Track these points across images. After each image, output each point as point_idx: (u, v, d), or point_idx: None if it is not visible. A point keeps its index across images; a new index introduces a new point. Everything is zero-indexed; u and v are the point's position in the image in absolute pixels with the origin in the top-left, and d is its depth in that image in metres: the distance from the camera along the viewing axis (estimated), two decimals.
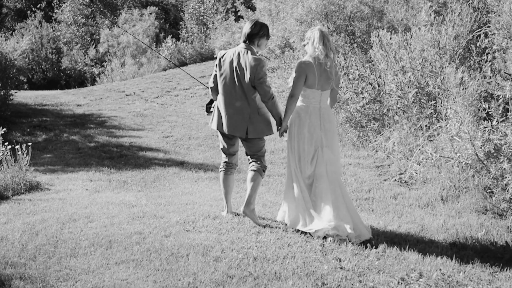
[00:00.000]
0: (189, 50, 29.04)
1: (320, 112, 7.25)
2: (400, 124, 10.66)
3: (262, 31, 7.38)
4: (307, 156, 7.23)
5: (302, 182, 7.24)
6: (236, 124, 7.36)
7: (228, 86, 7.35)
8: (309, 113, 7.22)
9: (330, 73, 7.17)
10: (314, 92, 7.16)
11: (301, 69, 7.10)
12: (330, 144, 7.28)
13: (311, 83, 7.10)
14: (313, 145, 7.22)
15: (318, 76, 7.08)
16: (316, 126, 7.21)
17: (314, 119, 7.22)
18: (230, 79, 7.32)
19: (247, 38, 7.35)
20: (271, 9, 17.40)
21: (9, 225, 7.58)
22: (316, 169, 7.21)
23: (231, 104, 7.35)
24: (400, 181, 9.70)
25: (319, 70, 7.09)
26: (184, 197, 8.96)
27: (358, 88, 11.61)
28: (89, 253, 6.53)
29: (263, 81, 7.21)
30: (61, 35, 33.62)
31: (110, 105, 18.94)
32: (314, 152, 7.23)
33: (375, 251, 6.67)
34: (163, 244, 6.71)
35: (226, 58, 7.38)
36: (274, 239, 6.93)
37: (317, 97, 7.20)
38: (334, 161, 7.27)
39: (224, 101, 7.39)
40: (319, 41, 7.02)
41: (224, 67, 7.36)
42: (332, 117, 7.42)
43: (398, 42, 10.89)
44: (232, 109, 7.35)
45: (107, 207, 8.35)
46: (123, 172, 11.11)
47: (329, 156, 7.23)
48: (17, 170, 9.84)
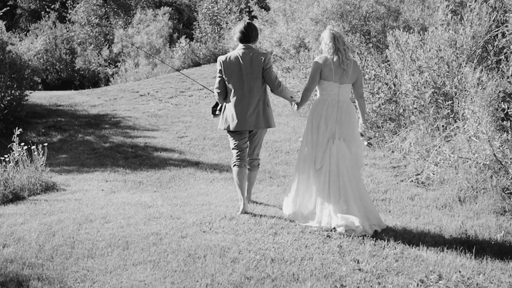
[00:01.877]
0: (203, 50, 28.99)
1: (338, 105, 7.42)
2: (417, 124, 10.59)
3: (255, 31, 7.92)
4: (320, 147, 7.43)
5: (312, 173, 7.47)
6: (254, 119, 7.78)
7: (239, 86, 7.75)
8: (326, 105, 7.44)
9: (348, 68, 7.37)
10: (331, 84, 7.38)
11: (317, 65, 7.42)
12: (346, 137, 7.44)
13: (327, 75, 7.35)
14: (326, 136, 7.41)
15: (335, 69, 7.33)
16: (332, 118, 7.40)
17: (330, 112, 7.41)
18: (240, 78, 7.73)
19: (246, 38, 7.83)
20: (285, 9, 17.35)
21: (26, 225, 7.58)
22: (325, 161, 7.37)
23: (245, 102, 7.76)
24: (417, 181, 9.63)
25: (335, 65, 7.34)
26: (200, 198, 8.94)
27: (374, 88, 11.54)
28: (106, 254, 6.51)
29: (271, 70, 7.78)
30: (75, 35, 33.65)
31: (125, 105, 18.94)
32: (326, 144, 7.41)
33: (393, 252, 6.62)
34: (180, 245, 6.69)
35: (230, 61, 7.76)
36: (291, 240, 6.89)
37: (335, 89, 7.40)
38: (347, 154, 7.39)
39: (237, 100, 7.77)
40: (329, 40, 7.36)
41: (231, 69, 7.74)
42: (353, 111, 7.53)
43: (415, 42, 10.82)
44: (247, 105, 7.76)
45: (123, 208, 8.34)
46: (138, 172, 11.10)
47: (342, 149, 7.38)
48: (33, 170, 9.85)
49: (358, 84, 7.57)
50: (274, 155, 12.07)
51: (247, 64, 7.71)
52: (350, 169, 7.37)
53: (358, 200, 7.29)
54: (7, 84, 15.84)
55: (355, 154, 7.50)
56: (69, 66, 32.57)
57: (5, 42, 16.42)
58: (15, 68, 16.43)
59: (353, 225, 7.08)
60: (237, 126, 7.78)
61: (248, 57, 7.73)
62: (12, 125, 14.70)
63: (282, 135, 13.59)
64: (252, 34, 7.84)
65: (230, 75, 7.75)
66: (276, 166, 11.16)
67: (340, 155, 7.33)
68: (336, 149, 7.35)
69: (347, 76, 7.38)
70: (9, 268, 6.16)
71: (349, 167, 7.36)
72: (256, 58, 7.73)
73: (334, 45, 7.31)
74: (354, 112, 7.58)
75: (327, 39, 7.38)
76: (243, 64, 7.71)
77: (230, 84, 7.77)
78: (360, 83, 7.59)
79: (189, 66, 27.97)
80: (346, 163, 7.33)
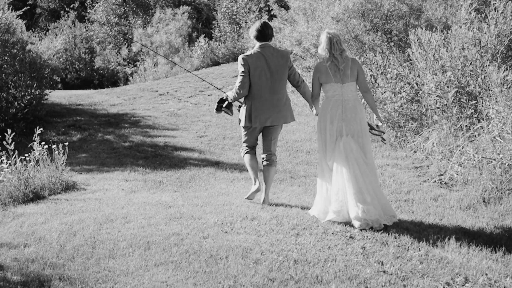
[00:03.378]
0: (222, 49, 28.93)
1: (343, 103, 7.63)
2: (440, 124, 10.46)
3: (271, 30, 8.20)
4: (329, 146, 7.67)
5: (326, 171, 7.71)
6: (278, 114, 8.14)
7: (265, 83, 8.03)
8: (331, 105, 7.67)
9: (345, 68, 7.61)
10: (333, 85, 7.63)
11: (314, 72, 7.80)
12: (353, 133, 7.62)
13: (325, 79, 7.64)
14: (334, 135, 7.64)
15: (332, 73, 7.60)
16: (337, 116, 7.61)
17: (334, 111, 7.63)
18: (266, 76, 8.02)
19: (263, 37, 8.10)
20: (305, 7, 17.24)
21: (47, 225, 7.56)
22: (336, 158, 7.58)
23: (272, 98, 8.08)
24: (440, 182, 9.50)
25: (332, 68, 7.61)
26: (221, 198, 8.87)
27: (396, 88, 11.43)
28: (127, 254, 6.47)
29: (294, 67, 8.22)
30: (94, 34, 33.73)
31: (144, 104, 18.93)
32: (335, 142, 7.63)
33: (418, 254, 6.52)
34: (202, 246, 6.63)
35: (255, 60, 8.02)
36: (314, 241, 6.82)
37: (338, 90, 7.63)
38: (355, 149, 7.56)
39: (265, 97, 8.06)
40: (325, 45, 7.61)
41: (258, 67, 7.99)
42: (359, 107, 7.72)
43: (438, 41, 10.70)
44: (276, 101, 8.10)
45: (143, 208, 8.29)
46: (158, 172, 11.06)
47: (349, 145, 7.56)
48: (53, 170, 9.83)
49: (360, 80, 7.75)
50: (294, 154, 12.00)
51: (272, 61, 8.01)
52: (361, 163, 7.52)
53: (372, 193, 7.46)
54: (27, 83, 15.85)
55: (363, 149, 7.66)
56: (88, 65, 32.65)
57: (25, 41, 16.45)
58: (35, 67, 16.46)
59: (369, 217, 7.27)
60: (263, 121, 8.13)
61: (272, 54, 8.03)
62: (32, 124, 14.72)
63: (303, 135, 13.51)
64: (269, 33, 8.10)
65: (258, 73, 7.99)
66: (296, 166, 11.09)
67: (348, 150, 7.52)
68: (343, 145, 7.55)
69: (347, 76, 7.60)
70: (31, 268, 6.14)
71: (359, 162, 7.51)
72: (279, 56, 8.08)
73: (329, 51, 7.57)
74: (361, 109, 7.76)
75: (324, 43, 7.63)
76: (269, 62, 8.00)
77: (257, 81, 8.01)
78: (362, 79, 7.77)
79: (208, 66, 27.92)
80: (355, 157, 7.51)
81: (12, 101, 15.32)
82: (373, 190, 7.48)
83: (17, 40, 15.99)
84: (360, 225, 7.23)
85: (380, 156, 11.23)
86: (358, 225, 7.25)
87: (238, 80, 8.05)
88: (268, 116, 8.10)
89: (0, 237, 7.19)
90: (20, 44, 16.08)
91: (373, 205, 7.34)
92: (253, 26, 8.18)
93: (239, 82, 8.03)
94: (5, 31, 15.55)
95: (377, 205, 7.39)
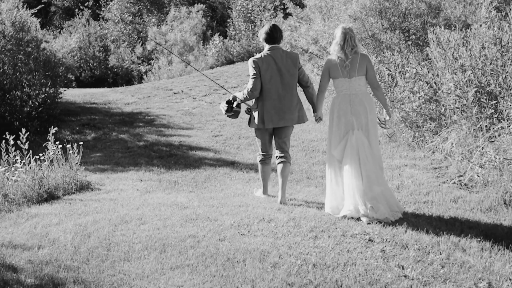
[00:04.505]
0: (237, 48, 28.85)
1: (350, 98, 7.81)
2: (459, 124, 10.29)
3: (280, 32, 8.34)
4: (335, 139, 7.86)
5: (337, 166, 7.88)
6: (290, 115, 8.25)
7: (277, 85, 8.15)
8: (339, 100, 7.87)
9: (353, 62, 7.76)
10: (341, 80, 7.81)
11: (325, 66, 7.97)
12: (362, 127, 7.81)
13: (334, 74, 7.83)
14: (343, 128, 7.81)
15: (341, 67, 7.77)
16: (346, 110, 7.80)
17: (343, 105, 7.81)
18: (277, 77, 8.14)
19: (273, 40, 8.23)
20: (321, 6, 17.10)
21: (61, 226, 7.47)
22: (347, 152, 7.73)
23: (284, 99, 8.18)
24: (459, 183, 9.33)
25: (340, 63, 7.78)
26: (237, 199, 8.75)
27: (414, 87, 11.26)
28: (142, 257, 6.36)
29: (302, 68, 8.35)
30: (109, 33, 33.74)
31: (158, 103, 18.85)
32: (345, 135, 7.81)
33: (439, 257, 6.36)
34: (218, 249, 6.51)
35: (265, 62, 8.14)
36: (333, 244, 6.68)
37: (346, 84, 7.81)
38: (366, 143, 7.75)
39: (276, 99, 8.17)
40: (339, 40, 7.75)
41: (269, 69, 8.12)
42: (368, 101, 7.89)
43: (457, 40, 10.53)
44: (287, 102, 8.20)
45: (159, 209, 8.18)
46: (173, 172, 10.97)
47: (360, 138, 7.74)
48: (67, 169, 9.76)
49: (370, 76, 7.88)
50: (311, 154, 11.87)
51: (282, 63, 8.14)
52: (370, 157, 7.71)
53: (381, 187, 7.70)
54: (42, 82, 15.80)
55: (370, 143, 7.83)
56: (103, 63, 32.65)
57: (40, 39, 16.40)
58: (49, 65, 16.41)
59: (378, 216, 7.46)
60: (275, 123, 8.22)
61: (281, 56, 8.16)
62: (46, 123, 14.69)
63: (319, 134, 13.37)
64: (277, 35, 8.24)
65: (268, 75, 8.11)
66: (313, 166, 10.95)
67: (359, 144, 7.70)
68: (355, 139, 7.72)
69: (354, 70, 7.75)
70: (45, 271, 6.04)
71: (369, 156, 7.70)
72: (289, 57, 8.21)
73: (341, 47, 7.72)
74: (370, 103, 7.91)
75: (338, 38, 7.77)
76: (279, 64, 8.13)
77: (267, 83, 8.12)
78: (372, 75, 7.90)
79: (222, 64, 27.85)
80: (366, 151, 7.70)
81: (27, 100, 15.26)
82: (380, 185, 7.70)
83: (31, 38, 15.95)
84: (368, 220, 7.43)
85: (398, 157, 11.08)
86: (366, 220, 7.43)
87: (250, 83, 8.17)
88: (281, 118, 8.21)
89: (14, 238, 7.10)
90: (35, 43, 16.04)
91: (381, 202, 7.55)
92: (262, 29, 8.33)
93: (251, 84, 8.15)
94: (19, 29, 15.51)
95: (383, 201, 7.60)
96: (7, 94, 15.06)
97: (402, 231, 7.10)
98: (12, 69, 15.37)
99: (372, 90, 8.02)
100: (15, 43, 15.36)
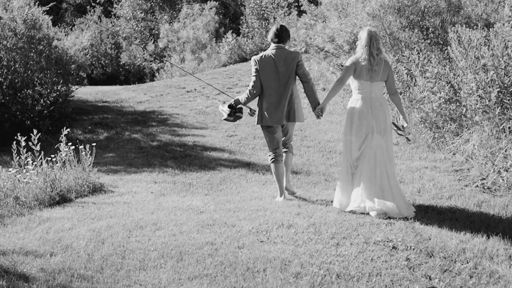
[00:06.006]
0: (250, 45, 28.63)
1: (371, 101, 7.97)
2: (481, 125, 10.01)
3: (287, 33, 8.52)
4: (357, 141, 7.96)
5: (350, 165, 8.02)
6: (288, 113, 8.42)
7: (275, 83, 8.34)
8: (361, 102, 7.99)
9: (378, 67, 7.91)
10: (363, 83, 7.94)
11: (351, 63, 8.00)
12: (380, 131, 7.95)
13: (359, 74, 7.92)
14: (363, 131, 7.94)
15: (366, 70, 7.88)
16: (367, 113, 7.94)
17: (364, 108, 7.95)
18: (275, 76, 8.33)
19: (278, 39, 8.43)
20: (337, 3, 16.82)
21: (74, 231, 7.25)
22: (364, 153, 7.91)
23: (281, 97, 8.34)
24: (482, 187, 9.06)
25: (366, 66, 7.89)
26: (254, 202, 8.51)
27: (434, 87, 10.98)
28: (159, 265, 6.13)
29: (304, 65, 8.47)
30: (120, 30, 33.57)
31: (171, 102, 18.64)
32: (364, 137, 7.95)
33: (467, 266, 6.11)
34: (237, 257, 6.27)
35: (265, 60, 8.36)
36: (356, 252, 6.43)
37: (367, 87, 7.95)
38: (384, 147, 7.92)
39: (274, 97, 8.34)
40: (365, 42, 7.87)
41: (267, 67, 8.34)
42: (386, 106, 8.10)
43: (479, 39, 10.25)
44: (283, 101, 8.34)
45: (174, 213, 7.94)
46: (187, 173, 10.76)
47: (379, 141, 7.91)
48: (80, 171, 9.55)
49: (390, 82, 8.09)
50: (327, 156, 11.62)
51: (281, 61, 8.32)
52: (386, 161, 7.90)
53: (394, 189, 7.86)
54: (53, 80, 15.61)
55: (387, 148, 8.00)
56: (114, 61, 32.48)
57: (52, 37, 16.22)
58: (61, 63, 16.23)
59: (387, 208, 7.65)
60: (275, 121, 8.39)
61: (281, 55, 8.35)
62: (58, 121, 14.53)
63: (335, 135, 13.11)
64: (283, 35, 8.44)
65: (266, 73, 8.32)
66: (330, 168, 10.70)
67: (378, 147, 7.87)
68: (375, 142, 7.89)
69: (378, 75, 7.91)
70: (58, 280, 5.82)
71: (386, 159, 7.89)
72: (289, 56, 8.37)
73: (368, 49, 7.83)
74: (387, 107, 8.10)
75: (364, 41, 7.88)
76: (278, 62, 8.32)
77: (266, 81, 8.34)
78: (392, 82, 8.11)
79: (235, 62, 27.65)
80: (383, 154, 7.89)
81: (38, 99, 15.08)
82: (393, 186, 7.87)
83: (43, 36, 15.77)
84: (377, 213, 7.64)
85: (418, 158, 10.82)
86: (374, 214, 7.65)
87: (251, 81, 8.46)
88: (281, 116, 8.37)
89: (26, 244, 6.88)
90: (47, 40, 15.86)
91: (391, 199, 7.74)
92: (271, 29, 8.58)
93: (252, 82, 8.43)
94: (31, 27, 15.34)
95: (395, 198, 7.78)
96: (19, 92, 14.90)
97: (426, 238, 6.84)
98: (23, 68, 15.21)
99: (389, 95, 8.19)
100: (26, 41, 15.20)
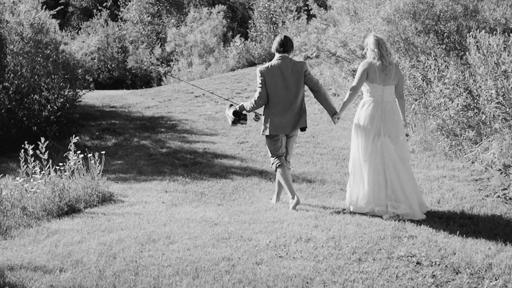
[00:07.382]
0: (258, 49, 28.41)
1: (383, 105, 8.10)
2: (501, 133, 9.72)
3: (291, 43, 8.57)
4: (365, 143, 8.08)
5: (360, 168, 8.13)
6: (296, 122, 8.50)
7: (283, 93, 8.40)
8: (372, 105, 8.10)
9: (390, 71, 8.04)
10: (375, 86, 8.06)
11: (363, 67, 8.10)
12: (390, 134, 8.06)
13: (372, 78, 8.03)
14: (372, 134, 8.05)
15: (379, 73, 8.00)
16: (377, 117, 8.05)
17: (375, 111, 8.07)
18: (284, 86, 8.40)
19: (282, 49, 8.46)
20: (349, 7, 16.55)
21: (84, 244, 6.97)
22: (372, 156, 8.01)
23: (291, 107, 8.43)
24: (504, 197, 8.75)
25: (379, 69, 8.02)
26: (269, 214, 8.21)
27: (452, 93, 10.68)
28: (174, 283, 5.83)
29: (311, 74, 8.56)
30: (127, 34, 33.37)
31: (180, 107, 18.37)
32: (372, 140, 8.04)
33: (496, 284, 5.81)
34: (256, 274, 5.97)
35: (272, 71, 8.40)
36: (379, 269, 6.13)
37: (379, 91, 8.08)
38: (392, 149, 8.00)
39: (282, 107, 8.42)
40: (374, 47, 8.04)
41: (275, 78, 8.38)
42: (396, 110, 8.22)
43: (499, 45, 9.96)
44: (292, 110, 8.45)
45: (187, 225, 7.65)
46: (199, 182, 10.49)
47: (386, 144, 8.01)
48: (89, 180, 9.28)
49: (399, 86, 8.24)
50: (342, 163, 11.34)
51: (289, 72, 8.39)
52: (396, 162, 7.96)
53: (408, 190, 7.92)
54: (61, 85, 15.35)
55: (402, 149, 8.12)
56: (121, 65, 32.26)
57: (59, 41, 15.99)
58: (68, 68, 16.00)
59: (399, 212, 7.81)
60: (282, 130, 8.51)
61: (288, 65, 8.41)
62: (65, 127, 14.27)
63: (349, 142, 12.74)
64: (288, 45, 8.48)
65: (274, 83, 8.37)
66: (345, 176, 10.40)
67: (384, 150, 7.98)
68: (381, 144, 7.99)
69: (390, 78, 8.05)
70: None
71: (395, 161, 7.96)
72: (296, 66, 8.44)
73: (379, 51, 7.99)
74: (398, 111, 8.24)
75: (372, 45, 8.05)
76: (286, 72, 8.39)
77: (273, 92, 8.39)
78: (401, 85, 8.28)
79: (243, 66, 27.42)
80: (391, 156, 7.96)
81: (45, 104, 14.83)
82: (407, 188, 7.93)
83: (50, 40, 15.55)
84: (388, 216, 7.82)
85: (435, 167, 10.53)
86: (386, 217, 7.81)
87: (257, 92, 8.49)
88: (288, 125, 8.48)
89: (34, 259, 6.60)
90: (53, 45, 15.63)
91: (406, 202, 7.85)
92: (275, 40, 8.62)
93: (257, 93, 8.45)
94: (38, 31, 15.11)
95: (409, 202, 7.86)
96: (25, 98, 14.65)
97: (451, 252, 6.54)
98: (30, 72, 14.98)
99: (397, 98, 8.28)
100: (33, 45, 14.98)
